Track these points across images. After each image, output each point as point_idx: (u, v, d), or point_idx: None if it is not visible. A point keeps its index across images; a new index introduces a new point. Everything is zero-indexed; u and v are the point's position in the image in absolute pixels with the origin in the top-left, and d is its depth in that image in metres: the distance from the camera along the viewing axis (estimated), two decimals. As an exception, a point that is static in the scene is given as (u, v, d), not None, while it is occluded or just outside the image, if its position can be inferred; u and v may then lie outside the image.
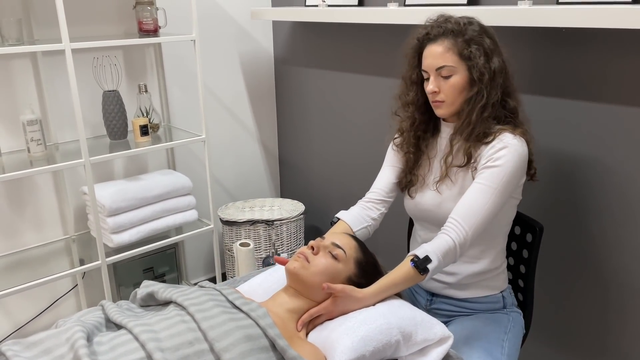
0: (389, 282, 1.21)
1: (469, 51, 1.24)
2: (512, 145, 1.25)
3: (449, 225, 1.25)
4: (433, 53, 1.28)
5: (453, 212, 1.26)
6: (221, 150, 2.61)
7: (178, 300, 1.06)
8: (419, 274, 1.20)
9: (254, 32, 2.58)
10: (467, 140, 1.30)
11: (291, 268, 1.16)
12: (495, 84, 1.26)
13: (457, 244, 1.22)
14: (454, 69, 1.26)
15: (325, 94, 2.43)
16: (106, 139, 2.11)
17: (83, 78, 2.10)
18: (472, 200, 1.25)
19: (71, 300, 2.29)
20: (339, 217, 1.47)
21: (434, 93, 1.30)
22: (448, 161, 1.34)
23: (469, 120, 1.28)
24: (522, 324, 1.44)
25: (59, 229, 2.19)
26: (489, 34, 1.28)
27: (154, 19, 2.04)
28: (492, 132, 1.28)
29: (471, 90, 1.27)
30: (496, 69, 1.25)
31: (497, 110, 1.29)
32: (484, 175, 1.26)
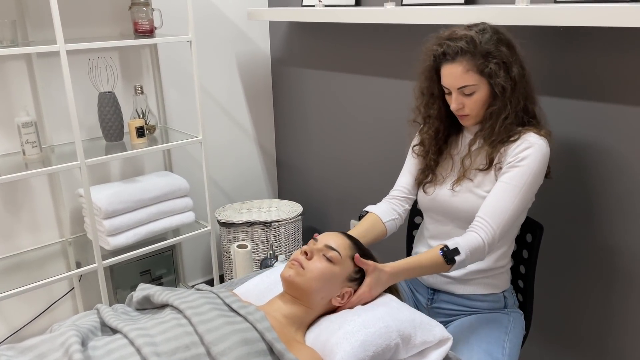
0: (415, 262, 1.24)
1: (489, 69, 1.25)
2: (538, 145, 1.26)
3: (477, 224, 1.26)
4: (453, 74, 1.29)
5: (480, 211, 1.27)
6: (218, 152, 2.59)
7: (174, 303, 1.05)
8: (445, 263, 1.22)
9: (250, 33, 2.57)
10: (489, 145, 1.32)
11: (286, 276, 1.15)
12: (518, 93, 1.28)
13: (486, 242, 1.24)
14: (476, 87, 1.28)
15: (322, 95, 2.42)
16: (102, 141, 2.09)
17: (78, 79, 2.09)
18: (499, 200, 1.26)
19: (68, 303, 2.27)
20: (367, 210, 1.50)
21: (458, 109, 1.32)
22: (466, 163, 1.37)
23: (492, 128, 1.30)
24: (523, 325, 1.43)
25: (55, 231, 2.18)
26: (504, 40, 1.28)
27: (149, 19, 2.03)
28: (517, 131, 1.30)
29: (494, 103, 1.29)
30: (517, 78, 1.27)
31: (520, 114, 1.31)
32: (510, 174, 1.27)
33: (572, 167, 1.56)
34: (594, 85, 1.47)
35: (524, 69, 1.30)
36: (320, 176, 2.56)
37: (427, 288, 1.49)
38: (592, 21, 1.29)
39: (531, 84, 1.33)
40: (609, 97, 1.45)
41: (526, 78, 1.31)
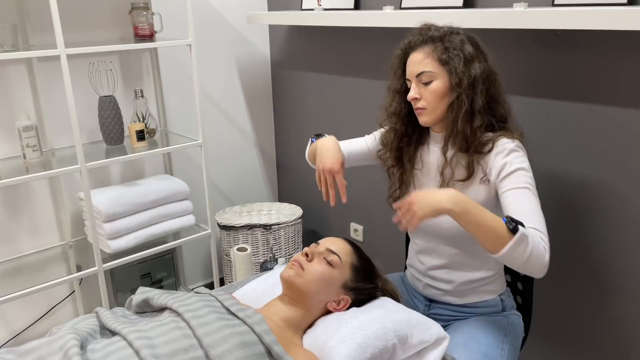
0: (482, 209, 1.10)
1: (447, 56, 1.24)
2: (517, 147, 1.24)
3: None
4: (414, 60, 1.28)
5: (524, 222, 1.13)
6: (218, 155, 2.60)
7: (173, 306, 1.05)
8: (507, 230, 1.07)
9: (250, 37, 2.58)
10: (465, 152, 1.28)
11: (286, 276, 1.15)
12: (477, 90, 1.24)
13: (545, 247, 1.11)
14: (434, 74, 1.25)
15: (322, 98, 2.43)
16: (102, 145, 2.10)
17: (79, 83, 2.10)
18: (523, 206, 1.17)
19: (68, 306, 2.28)
20: (321, 134, 1.51)
21: (414, 100, 1.29)
22: (446, 174, 1.31)
23: (456, 129, 1.26)
24: (522, 327, 1.43)
25: (56, 235, 2.18)
26: (473, 42, 1.27)
27: (149, 23, 2.03)
28: (489, 140, 1.27)
29: (452, 96, 1.26)
30: (477, 75, 1.23)
31: (486, 118, 1.27)
32: (511, 180, 1.21)
33: (571, 169, 1.57)
34: (593, 88, 1.48)
35: (490, 72, 1.27)
36: (320, 179, 2.56)
37: (424, 298, 1.49)
38: (590, 24, 1.30)
39: (500, 88, 1.30)
40: (609, 100, 1.45)
41: (493, 81, 1.27)
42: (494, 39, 1.67)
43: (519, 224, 1.08)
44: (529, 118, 1.63)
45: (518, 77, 1.63)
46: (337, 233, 2.55)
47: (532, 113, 1.62)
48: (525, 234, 1.08)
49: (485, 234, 1.09)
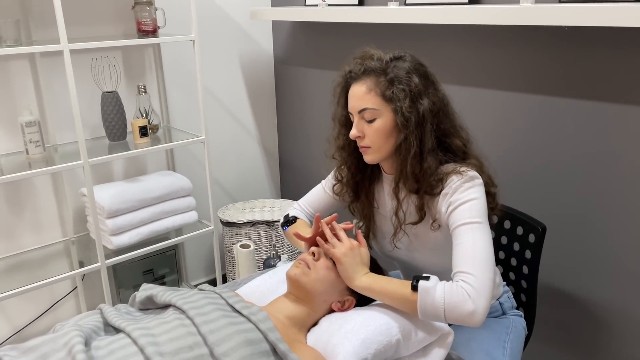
0: (385, 280, 1.11)
1: (391, 92, 1.13)
2: (465, 183, 1.14)
3: (454, 279, 1.07)
4: (355, 94, 1.17)
5: (453, 268, 1.09)
6: (221, 151, 2.59)
7: (177, 303, 1.05)
8: (411, 289, 1.06)
9: (253, 32, 2.57)
10: (416, 194, 1.20)
11: (292, 274, 1.15)
12: (426, 129, 1.14)
13: (466, 290, 1.02)
14: (377, 112, 1.15)
15: (325, 94, 2.42)
16: (105, 140, 2.09)
17: (82, 79, 2.09)
18: (462, 245, 1.08)
19: (71, 302, 2.27)
20: (296, 217, 1.46)
21: (357, 138, 1.19)
22: (400, 217, 1.24)
23: (405, 172, 1.17)
24: (524, 326, 1.42)
25: (58, 231, 2.18)
26: (420, 72, 1.16)
27: (152, 19, 2.03)
28: (439, 179, 1.17)
29: (398, 137, 1.15)
30: (425, 112, 1.13)
31: (439, 156, 1.18)
32: (456, 217, 1.12)
33: (576, 166, 1.56)
34: (600, 86, 1.47)
35: (441, 105, 1.17)
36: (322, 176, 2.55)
37: None
38: (597, 21, 1.29)
39: (452, 117, 1.20)
40: (616, 97, 1.44)
41: (444, 114, 1.17)
42: (500, 35, 1.66)
43: (422, 279, 1.05)
44: (533, 115, 1.62)
45: (524, 74, 1.62)
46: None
47: (537, 110, 1.61)
48: (427, 285, 1.04)
49: (396, 301, 1.09)
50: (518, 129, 1.68)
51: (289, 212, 1.49)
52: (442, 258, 1.24)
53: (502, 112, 1.71)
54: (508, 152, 1.72)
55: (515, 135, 1.69)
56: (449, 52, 1.82)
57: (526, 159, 1.67)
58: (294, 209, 1.51)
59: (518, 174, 1.70)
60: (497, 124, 1.73)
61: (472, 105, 1.78)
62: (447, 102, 1.20)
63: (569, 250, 1.63)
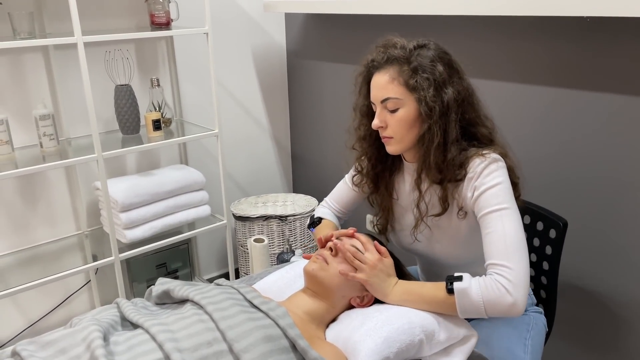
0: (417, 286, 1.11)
1: (415, 81, 1.10)
2: (489, 166, 1.11)
3: (488, 272, 1.07)
4: (378, 83, 1.15)
5: (485, 258, 1.08)
6: (233, 145, 2.58)
7: (195, 298, 1.03)
8: (446, 291, 1.07)
9: (266, 25, 2.55)
10: (439, 184, 1.17)
11: (309, 270, 1.13)
12: (450, 119, 1.11)
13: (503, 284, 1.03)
14: (400, 102, 1.12)
15: (338, 88, 2.39)
16: (118, 134, 2.09)
17: (95, 72, 2.08)
18: (492, 234, 1.07)
19: (84, 295, 2.28)
20: (321, 217, 1.45)
21: (380, 128, 1.17)
22: (422, 209, 1.22)
23: (429, 162, 1.14)
24: (544, 322, 1.40)
25: (72, 224, 2.18)
26: (445, 60, 1.13)
27: (166, 11, 2.01)
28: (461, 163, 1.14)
29: (422, 127, 1.13)
30: (449, 101, 1.10)
31: (463, 144, 1.15)
32: (482, 204, 1.10)
33: (599, 162, 1.53)
34: (624, 79, 1.43)
35: (466, 94, 1.14)
36: (335, 170, 2.54)
37: None
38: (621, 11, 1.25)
39: (478, 108, 1.17)
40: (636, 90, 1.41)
41: (469, 104, 1.15)
42: (516, 26, 1.62)
43: (456, 281, 1.05)
44: (554, 109, 1.59)
45: (543, 66, 1.59)
46: (353, 225, 2.52)
47: (558, 104, 1.58)
48: (463, 287, 1.04)
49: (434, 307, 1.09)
50: (538, 122, 1.65)
51: (316, 211, 1.49)
52: (463, 248, 1.22)
53: (522, 106, 1.68)
54: (529, 146, 1.69)
55: (536, 129, 1.66)
56: (468, 44, 1.78)
57: (547, 153, 1.64)
58: (321, 206, 1.50)
59: (539, 168, 1.67)
60: (517, 118, 1.70)
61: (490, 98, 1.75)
62: (472, 92, 1.18)
63: (589, 246, 1.60)
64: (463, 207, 1.17)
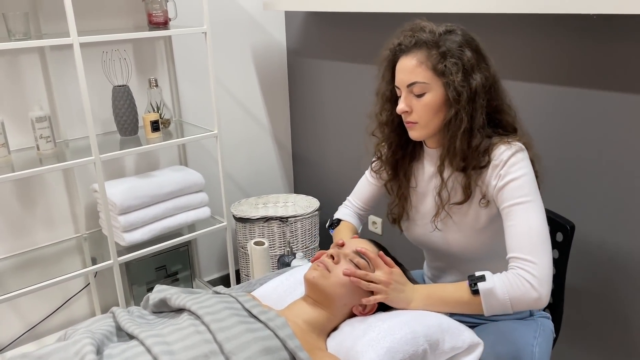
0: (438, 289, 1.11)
1: (443, 66, 1.09)
2: (515, 155, 1.11)
3: (512, 265, 1.08)
4: (404, 67, 1.13)
5: (508, 251, 1.09)
6: (233, 146, 2.55)
7: (192, 308, 1.01)
8: (470, 293, 1.07)
9: (266, 24, 2.51)
10: (463, 172, 1.16)
11: (310, 277, 1.10)
12: (477, 105, 1.10)
13: (529, 280, 1.04)
14: (427, 86, 1.11)
15: (340, 87, 2.36)
16: (116, 135, 2.06)
17: (92, 73, 2.05)
18: (516, 227, 1.07)
19: (83, 299, 2.25)
20: (340, 219, 1.44)
21: (405, 113, 1.16)
22: (444, 197, 1.20)
23: (454, 149, 1.13)
24: (552, 328, 1.36)
25: (70, 227, 2.15)
26: (472, 46, 1.12)
27: (163, 11, 1.98)
28: (485, 150, 1.13)
29: (448, 112, 1.12)
30: (477, 87, 1.10)
31: (488, 132, 1.15)
32: (507, 195, 1.10)
33: (607, 163, 1.49)
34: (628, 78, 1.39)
35: (493, 81, 1.14)
36: (337, 170, 2.51)
37: None
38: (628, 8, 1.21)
39: (502, 95, 1.17)
40: (646, 90, 1.37)
41: (495, 90, 1.14)
42: (520, 24, 1.59)
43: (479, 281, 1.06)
44: (560, 108, 1.56)
45: (549, 64, 1.56)
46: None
47: (564, 103, 1.55)
48: (488, 287, 1.05)
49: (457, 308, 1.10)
50: (543, 122, 1.61)
51: (337, 212, 1.48)
52: (480, 240, 1.21)
53: (527, 105, 1.64)
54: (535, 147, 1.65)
55: (541, 129, 1.62)
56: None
57: (553, 154, 1.61)
58: (343, 206, 1.49)
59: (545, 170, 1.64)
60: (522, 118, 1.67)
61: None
62: (498, 79, 1.16)
63: (595, 249, 1.56)
64: (486, 196, 1.16)
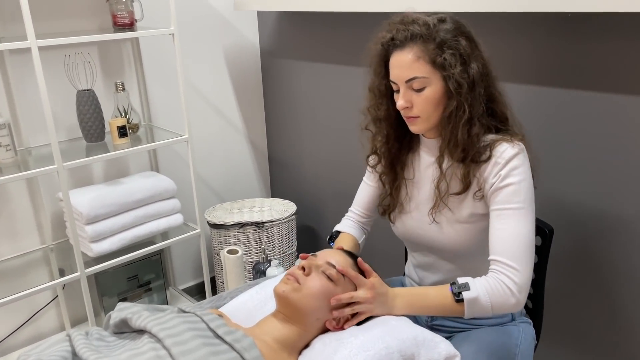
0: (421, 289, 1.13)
1: (442, 58, 1.07)
2: (517, 156, 1.11)
3: (494, 268, 1.09)
4: (401, 62, 1.10)
5: (492, 253, 1.10)
6: (207, 150, 2.48)
7: (153, 330, 0.94)
8: (454, 300, 1.08)
9: (237, 24, 2.44)
10: (462, 162, 1.14)
11: (280, 292, 1.04)
12: (476, 94, 1.10)
13: (511, 287, 1.06)
14: (427, 80, 1.09)
15: (315, 88, 2.31)
16: (82, 142, 1.97)
17: (55, 77, 1.96)
18: (506, 230, 1.09)
19: (52, 312, 2.17)
20: (339, 230, 1.40)
21: (406, 109, 1.14)
22: (442, 188, 1.18)
23: (456, 140, 1.12)
24: (533, 334, 1.33)
25: (36, 238, 2.06)
26: (465, 33, 1.11)
27: (129, 11, 1.90)
28: (486, 145, 1.13)
29: (449, 104, 1.10)
30: (475, 76, 1.09)
31: (485, 121, 1.14)
32: (502, 197, 1.10)
33: (582, 163, 1.46)
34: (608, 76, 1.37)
35: (486, 68, 1.12)
36: (314, 173, 2.46)
37: None
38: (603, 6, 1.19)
39: (496, 84, 1.16)
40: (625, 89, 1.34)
41: (489, 78, 1.14)
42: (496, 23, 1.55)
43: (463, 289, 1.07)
44: (535, 108, 1.53)
45: (524, 64, 1.52)
46: (333, 229, 2.44)
47: (538, 103, 1.51)
48: (472, 296, 1.07)
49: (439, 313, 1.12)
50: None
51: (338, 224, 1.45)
52: (470, 234, 1.20)
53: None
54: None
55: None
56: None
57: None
58: (344, 218, 1.46)
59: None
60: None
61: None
62: (490, 65, 1.14)
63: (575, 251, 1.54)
64: (481, 189, 1.15)
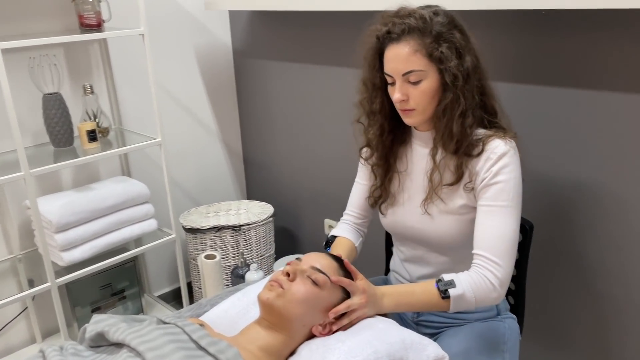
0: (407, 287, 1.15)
1: (439, 52, 1.08)
2: (509, 154, 1.12)
3: (478, 262, 1.11)
4: (398, 56, 1.10)
5: (476, 247, 1.12)
6: (180, 153, 2.42)
7: (132, 343, 0.90)
8: (440, 297, 1.10)
9: (209, 24, 2.40)
10: (455, 154, 1.15)
11: (264, 298, 1.01)
12: (471, 86, 1.11)
13: (493, 282, 1.09)
14: (424, 73, 1.10)
15: (290, 88, 2.28)
16: (50, 147, 1.90)
17: (19, 80, 1.88)
18: (492, 227, 1.11)
19: (22, 324, 2.08)
20: (335, 235, 1.38)
21: (402, 102, 1.14)
22: (435, 179, 1.19)
23: (450, 132, 1.13)
24: (518, 331, 1.34)
25: (3, 248, 1.98)
26: (458, 26, 1.12)
27: (96, 12, 1.84)
28: (479, 140, 1.14)
29: (444, 96, 1.11)
30: (470, 68, 1.10)
31: (478, 113, 1.15)
32: (491, 194, 1.12)
33: (561, 159, 1.47)
34: (582, 73, 1.38)
35: (478, 60, 1.14)
36: (291, 173, 2.43)
37: None
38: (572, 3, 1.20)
39: (486, 76, 1.17)
40: (599, 84, 1.36)
41: (481, 70, 1.15)
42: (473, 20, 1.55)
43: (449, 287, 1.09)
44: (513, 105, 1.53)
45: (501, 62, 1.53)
46: (311, 230, 2.42)
47: (516, 100, 1.52)
48: (459, 293, 1.09)
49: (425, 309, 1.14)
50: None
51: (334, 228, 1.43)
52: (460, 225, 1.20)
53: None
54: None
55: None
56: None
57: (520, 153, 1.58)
58: (340, 222, 1.44)
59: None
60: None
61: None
62: (481, 57, 1.15)
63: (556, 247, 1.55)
64: (472, 181, 1.16)
